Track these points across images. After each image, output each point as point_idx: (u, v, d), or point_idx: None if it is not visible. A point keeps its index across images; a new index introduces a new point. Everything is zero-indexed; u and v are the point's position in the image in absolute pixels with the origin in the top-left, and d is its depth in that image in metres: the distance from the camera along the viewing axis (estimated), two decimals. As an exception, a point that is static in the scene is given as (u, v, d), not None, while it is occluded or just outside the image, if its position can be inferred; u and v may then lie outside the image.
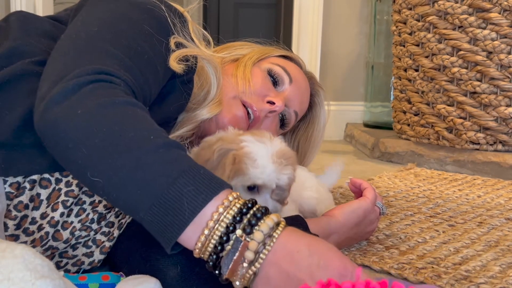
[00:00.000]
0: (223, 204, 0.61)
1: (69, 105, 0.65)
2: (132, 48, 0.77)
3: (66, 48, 0.75)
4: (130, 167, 0.61)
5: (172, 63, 0.84)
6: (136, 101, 0.69)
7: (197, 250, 0.62)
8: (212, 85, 0.96)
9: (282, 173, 0.82)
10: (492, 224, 1.24)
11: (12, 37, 0.82)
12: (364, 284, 0.51)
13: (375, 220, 1.04)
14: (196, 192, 0.61)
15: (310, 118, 1.22)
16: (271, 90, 1.06)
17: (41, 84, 0.70)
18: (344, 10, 2.77)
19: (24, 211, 0.74)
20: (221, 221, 0.61)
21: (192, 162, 0.64)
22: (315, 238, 0.64)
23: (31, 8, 2.46)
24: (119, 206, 0.65)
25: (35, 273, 0.52)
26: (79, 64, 0.70)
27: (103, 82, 0.68)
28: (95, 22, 0.79)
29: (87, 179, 0.63)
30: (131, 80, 0.72)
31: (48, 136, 0.66)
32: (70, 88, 0.66)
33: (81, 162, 0.63)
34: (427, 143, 2.09)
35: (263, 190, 0.82)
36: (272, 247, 0.60)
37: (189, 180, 0.61)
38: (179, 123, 0.95)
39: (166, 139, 0.65)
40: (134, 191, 0.61)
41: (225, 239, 0.61)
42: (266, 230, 0.61)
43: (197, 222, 0.61)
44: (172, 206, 0.60)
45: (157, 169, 0.61)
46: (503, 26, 1.83)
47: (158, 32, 0.82)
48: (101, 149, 0.62)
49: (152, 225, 0.62)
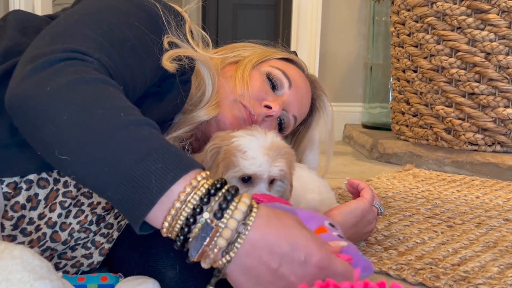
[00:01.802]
0: (190, 184, 0.59)
1: (39, 82, 0.63)
2: (113, 34, 0.74)
3: (43, 34, 0.73)
4: (98, 144, 0.59)
5: (165, 62, 0.83)
6: (109, 79, 0.67)
7: (164, 229, 0.59)
8: (207, 86, 0.95)
9: (273, 165, 0.83)
10: (490, 225, 1.24)
11: (8, 36, 0.82)
12: (363, 285, 0.51)
13: (373, 220, 1.03)
14: (165, 170, 0.59)
15: (311, 122, 1.21)
16: (269, 94, 1.05)
17: (16, 67, 0.68)
18: (342, 11, 2.78)
19: (21, 212, 0.74)
20: (188, 202, 0.58)
21: (164, 141, 0.62)
22: (290, 224, 0.61)
23: (29, 8, 2.46)
24: (87, 185, 0.63)
25: (33, 274, 0.52)
26: (53, 44, 0.68)
27: (76, 60, 0.66)
28: (78, 10, 0.78)
29: (55, 157, 0.61)
30: (108, 61, 0.70)
31: (17, 114, 0.64)
32: (40, 66, 0.64)
33: (48, 139, 0.61)
34: (426, 144, 2.10)
35: (257, 182, 0.84)
36: (248, 236, 0.58)
37: (158, 158, 0.59)
38: (176, 124, 0.95)
39: (137, 116, 0.63)
40: (102, 169, 0.59)
41: (192, 221, 0.58)
42: (240, 217, 0.59)
43: (164, 201, 0.58)
44: (140, 184, 0.58)
45: (126, 146, 0.59)
46: (502, 27, 1.84)
47: (148, 26, 0.81)
48: (69, 126, 0.60)
49: (120, 204, 0.59)
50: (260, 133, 0.85)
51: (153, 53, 0.81)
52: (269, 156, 0.83)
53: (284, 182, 0.89)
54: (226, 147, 0.83)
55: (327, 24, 2.74)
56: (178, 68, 0.85)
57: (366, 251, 1.03)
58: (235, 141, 0.83)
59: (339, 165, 2.04)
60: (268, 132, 0.86)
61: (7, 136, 0.71)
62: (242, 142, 0.83)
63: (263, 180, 0.84)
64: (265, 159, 0.83)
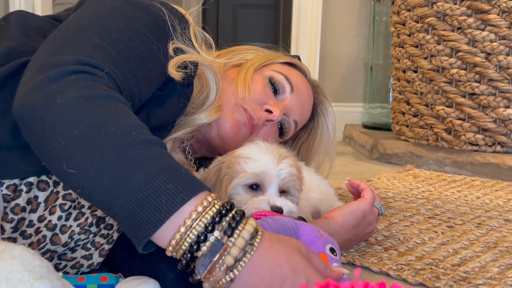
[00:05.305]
0: (202, 204, 0.61)
1: (50, 93, 0.63)
2: (122, 42, 0.75)
3: (53, 39, 0.73)
4: (109, 160, 0.60)
5: (171, 70, 0.83)
6: (119, 96, 0.67)
7: (171, 248, 0.60)
8: (211, 90, 0.95)
9: (280, 165, 0.81)
10: (490, 225, 1.24)
11: (10, 37, 0.81)
12: (363, 285, 0.51)
13: (373, 221, 1.03)
14: (175, 191, 0.60)
15: (312, 127, 1.21)
16: (271, 98, 1.05)
17: (24, 72, 0.69)
18: (343, 11, 2.78)
19: (21, 214, 0.74)
20: (200, 220, 0.60)
21: (173, 161, 0.63)
22: (292, 249, 0.64)
23: (29, 8, 2.46)
24: (93, 200, 0.63)
25: (33, 274, 0.51)
26: (63, 53, 0.68)
27: (86, 74, 0.66)
28: (87, 16, 0.77)
29: (61, 170, 0.61)
30: (117, 73, 0.70)
31: (25, 123, 0.64)
32: (52, 77, 0.64)
33: (57, 152, 0.61)
34: (426, 144, 2.09)
35: (266, 187, 0.81)
36: (253, 256, 0.60)
37: (168, 178, 0.60)
38: (176, 125, 0.95)
39: (148, 135, 0.64)
40: (110, 185, 0.59)
41: (203, 238, 0.60)
42: (248, 237, 0.61)
43: (174, 220, 0.60)
44: (149, 203, 0.59)
45: (136, 164, 0.60)
46: (502, 27, 1.84)
47: (154, 31, 0.81)
48: (80, 141, 0.60)
49: (126, 221, 0.60)
50: (263, 142, 0.85)
51: (159, 60, 0.82)
52: (275, 157, 0.81)
53: (295, 194, 0.86)
54: (228, 158, 0.82)
55: (327, 24, 2.74)
56: (184, 76, 0.85)
57: (366, 251, 1.03)
58: (237, 151, 0.82)
59: (339, 165, 2.04)
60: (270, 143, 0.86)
61: (9, 138, 0.71)
62: (245, 151, 0.82)
63: (273, 184, 0.81)
64: (270, 158, 0.81)
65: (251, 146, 0.83)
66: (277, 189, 0.82)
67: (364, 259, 0.99)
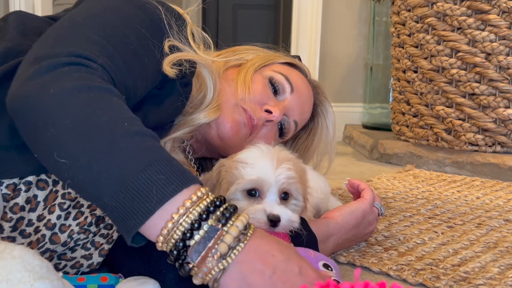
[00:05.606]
0: (196, 194, 0.60)
1: (42, 84, 0.63)
2: (117, 37, 0.74)
3: (47, 35, 0.73)
4: (100, 150, 0.59)
5: (166, 67, 0.83)
6: (113, 88, 0.67)
7: (162, 238, 0.60)
8: (208, 89, 0.95)
9: (279, 170, 0.78)
10: (491, 225, 1.24)
11: (8, 37, 0.81)
12: (363, 285, 0.51)
13: (373, 221, 1.03)
14: (167, 182, 0.59)
15: (312, 128, 1.20)
16: (271, 99, 1.04)
17: (19, 67, 0.68)
18: (343, 11, 2.78)
19: (20, 213, 0.74)
20: (193, 209, 0.59)
21: (166, 153, 0.62)
22: (285, 244, 0.64)
23: (29, 8, 2.46)
24: (82, 189, 0.62)
25: (33, 274, 0.51)
26: (56, 46, 0.68)
27: (80, 66, 0.66)
28: (82, 13, 0.78)
29: (52, 160, 0.61)
30: (111, 66, 0.70)
31: (18, 114, 0.64)
32: (45, 68, 0.64)
33: (48, 142, 0.61)
34: (426, 145, 2.09)
35: (265, 193, 0.78)
36: (246, 245, 0.60)
37: (160, 169, 0.60)
38: (175, 125, 0.95)
39: (141, 127, 0.64)
40: (101, 175, 0.59)
41: (197, 226, 0.59)
42: (241, 226, 0.61)
43: (166, 209, 0.59)
44: (140, 193, 0.58)
45: (128, 154, 0.60)
46: (502, 27, 1.84)
47: (150, 28, 0.80)
48: (71, 130, 0.60)
49: (116, 212, 0.59)
50: (264, 145, 0.82)
51: (154, 56, 0.81)
52: (273, 162, 0.78)
53: (299, 198, 0.82)
54: (228, 162, 0.82)
55: (327, 25, 2.74)
56: (178, 73, 0.85)
57: (366, 251, 1.03)
58: (237, 155, 0.81)
59: (339, 165, 2.04)
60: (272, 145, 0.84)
61: (7, 138, 0.71)
62: (244, 155, 0.81)
63: (271, 190, 0.78)
64: (268, 163, 0.78)
65: (252, 150, 0.81)
66: (277, 195, 0.79)
67: (364, 259, 0.99)
